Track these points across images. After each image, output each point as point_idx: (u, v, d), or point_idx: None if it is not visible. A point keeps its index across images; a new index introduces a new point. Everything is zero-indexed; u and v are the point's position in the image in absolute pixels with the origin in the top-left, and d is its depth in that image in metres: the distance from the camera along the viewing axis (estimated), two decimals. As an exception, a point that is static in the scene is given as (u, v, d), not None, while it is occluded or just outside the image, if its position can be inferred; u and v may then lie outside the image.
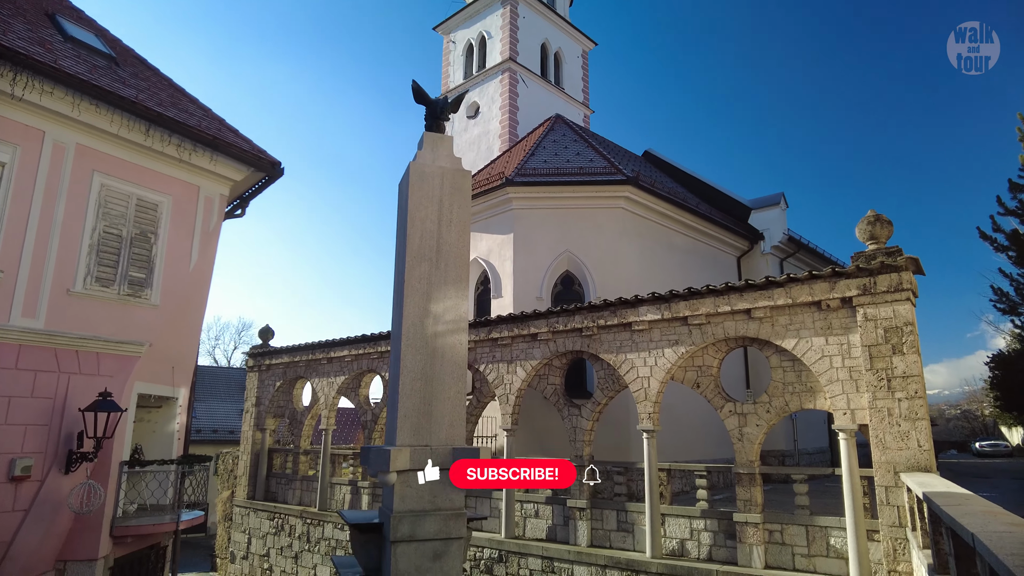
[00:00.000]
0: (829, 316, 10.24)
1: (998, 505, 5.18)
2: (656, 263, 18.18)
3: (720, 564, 10.76)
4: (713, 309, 11.31)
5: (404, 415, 5.16)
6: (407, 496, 5.00)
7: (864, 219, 10.17)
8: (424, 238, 5.50)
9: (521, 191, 17.41)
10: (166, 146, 9.66)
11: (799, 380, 10.59)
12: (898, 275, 9.58)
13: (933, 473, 8.80)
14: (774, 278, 10.67)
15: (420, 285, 5.39)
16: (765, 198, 22.69)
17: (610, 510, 12.51)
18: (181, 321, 10.52)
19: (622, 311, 12.52)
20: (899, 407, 9.34)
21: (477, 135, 26.28)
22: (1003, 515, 4.39)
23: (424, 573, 4.88)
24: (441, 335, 5.33)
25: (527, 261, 17.38)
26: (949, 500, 5.34)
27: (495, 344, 14.65)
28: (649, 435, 11.94)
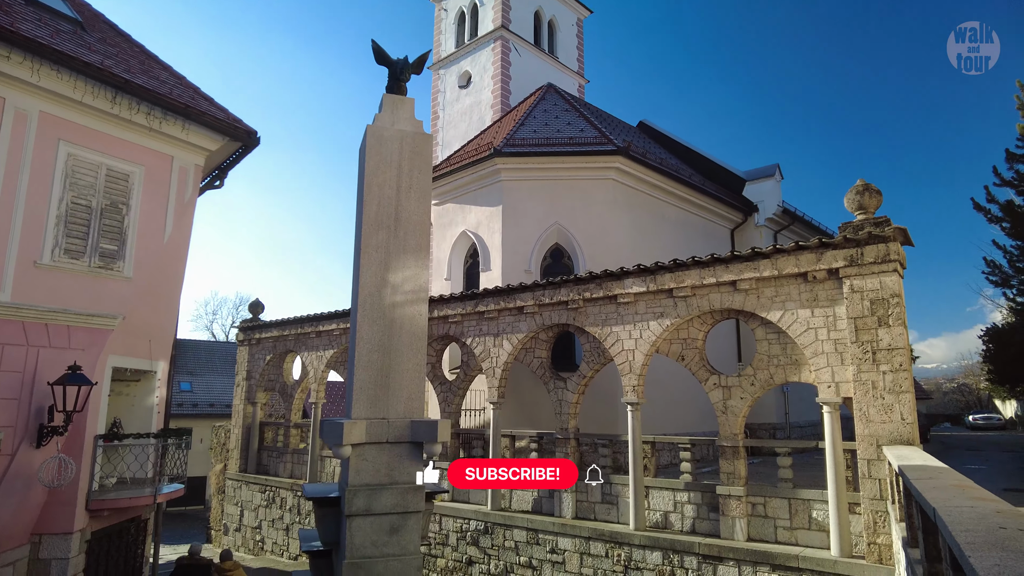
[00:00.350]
0: (815, 288, 10.05)
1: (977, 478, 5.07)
2: (647, 235, 17.93)
3: (703, 536, 10.75)
4: (698, 281, 11.12)
5: (360, 387, 5.01)
6: (363, 470, 4.87)
7: (853, 188, 9.92)
8: (382, 205, 5.29)
9: (510, 162, 17.09)
10: (135, 114, 9.37)
11: (784, 353, 10.45)
12: (885, 246, 9.37)
13: (916, 446, 8.71)
14: (760, 249, 10.47)
15: (377, 254, 5.20)
16: (760, 169, 22.33)
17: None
18: (157, 294, 10.35)
19: (608, 283, 12.34)
20: (883, 380, 9.21)
21: (469, 105, 25.82)
22: (972, 489, 4.27)
23: (381, 547, 4.77)
24: (400, 305, 5.16)
25: (516, 234, 17.14)
26: (921, 474, 5.22)
27: (482, 317, 14.50)
28: (633, 408, 11.85)
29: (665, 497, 11.51)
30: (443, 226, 19.33)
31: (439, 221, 19.58)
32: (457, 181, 18.60)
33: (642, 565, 11.10)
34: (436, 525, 14.38)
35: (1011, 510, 3.44)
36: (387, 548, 4.79)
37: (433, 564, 14.27)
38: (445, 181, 18.94)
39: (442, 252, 19.23)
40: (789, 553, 9.64)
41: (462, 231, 18.41)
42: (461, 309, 14.78)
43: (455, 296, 14.94)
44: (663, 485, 11.56)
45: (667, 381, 15.77)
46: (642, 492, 11.57)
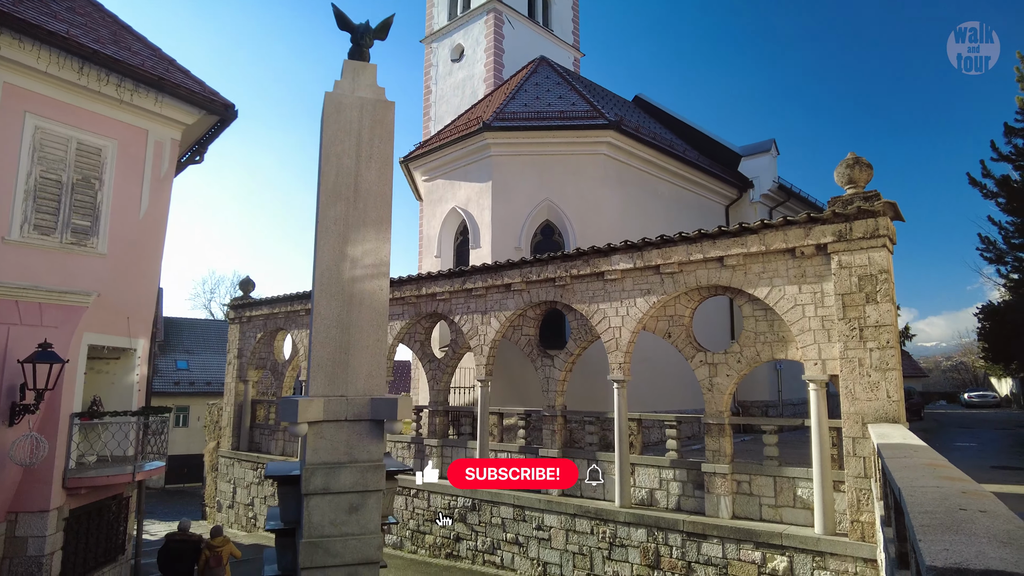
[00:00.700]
0: (803, 264, 9.87)
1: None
2: (640, 212, 17.68)
3: (687, 514, 10.71)
4: (685, 257, 10.93)
5: (318, 364, 4.86)
6: (320, 448, 4.75)
7: (843, 162, 9.67)
8: (340, 175, 5.09)
9: (499, 136, 16.77)
10: (104, 86, 9.10)
11: (771, 330, 10.30)
12: (874, 220, 9.16)
13: (901, 424, 8.59)
14: (747, 224, 10.26)
15: (336, 227, 5.01)
16: (755, 145, 21.96)
17: (581, 459, 12.43)
18: (134, 271, 10.17)
19: (595, 260, 12.15)
20: (870, 357, 9.07)
21: (462, 79, 25.37)
22: (943, 468, 4.13)
23: (340, 526, 4.67)
24: (359, 280, 4.99)
25: (506, 210, 16.90)
26: (896, 452, 5.09)
27: (470, 295, 14.34)
28: (619, 385, 11.75)
29: (651, 474, 11.46)
30: (433, 203, 19.08)
31: (429, 198, 19.32)
32: (446, 156, 18.30)
33: (627, 542, 11.08)
34: (424, 502, 14.40)
35: (976, 490, 3.30)
36: (346, 527, 4.68)
37: (421, 540, 14.31)
38: (434, 156, 18.65)
39: (432, 229, 19.00)
40: (773, 531, 9.59)
41: (452, 208, 18.16)
42: (449, 287, 14.61)
43: (443, 273, 14.76)
44: (649, 462, 11.49)
45: (659, 359, 15.67)
46: (627, 469, 11.51)
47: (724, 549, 10.02)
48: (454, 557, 13.57)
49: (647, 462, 11.51)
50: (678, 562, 10.45)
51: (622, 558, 11.11)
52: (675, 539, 10.53)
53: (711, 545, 10.16)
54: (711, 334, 17.12)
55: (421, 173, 19.54)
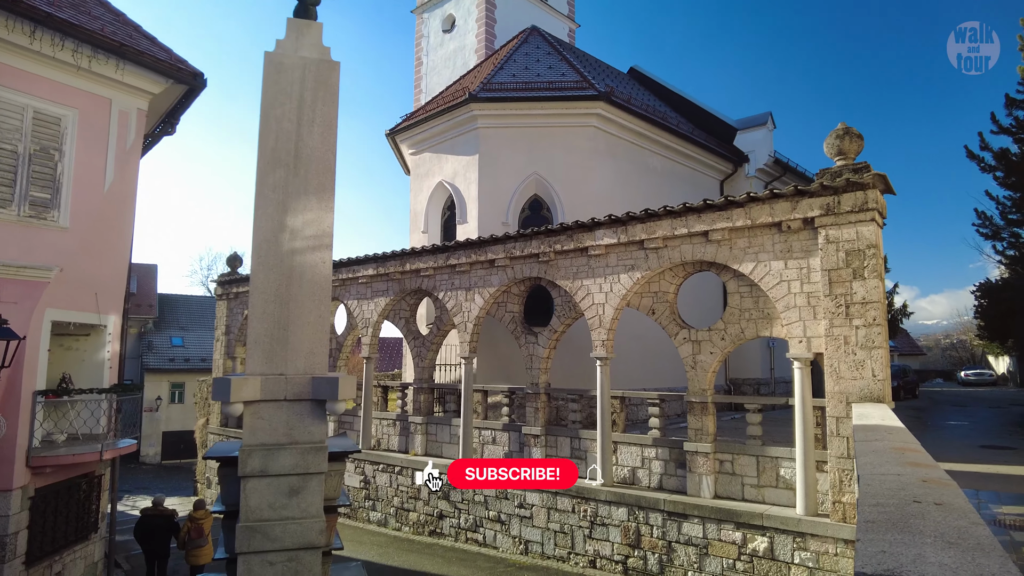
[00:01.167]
0: (790, 238, 9.55)
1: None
2: (630, 186, 17.28)
3: (669, 493, 10.55)
4: (670, 232, 10.61)
5: (255, 341, 4.59)
6: (258, 429, 4.50)
7: (833, 133, 9.30)
8: (280, 140, 4.77)
9: (486, 108, 16.32)
10: (59, 51, 8.70)
11: (756, 306, 10.02)
12: (863, 193, 8.81)
13: (885, 404, 8.36)
14: (733, 197, 9.92)
15: (275, 195, 4.70)
16: (751, 118, 21.44)
17: (564, 437, 12.27)
18: (100, 245, 9.87)
19: (579, 235, 11.83)
20: (856, 335, 8.80)
21: (453, 50, 24.74)
22: (912, 454, 3.88)
23: (279, 510, 4.45)
24: (299, 252, 4.69)
25: (493, 184, 16.51)
26: (869, 435, 4.84)
27: (453, 271, 14.05)
28: (602, 363, 11.51)
29: (633, 453, 11.28)
30: (420, 176, 18.68)
31: (416, 171, 18.92)
32: (433, 129, 17.86)
33: (608, 521, 10.95)
34: (408, 479, 14.29)
35: (939, 478, 3.05)
36: (286, 511, 4.46)
37: (405, 518, 14.23)
38: (421, 129, 18.20)
39: (419, 204, 18.64)
40: (754, 511, 9.42)
41: (439, 182, 17.78)
42: (433, 263, 14.32)
43: (427, 249, 14.45)
44: (631, 441, 11.31)
45: (651, 336, 15.39)
46: (610, 448, 11.33)
47: (705, 529, 9.87)
48: (437, 535, 13.49)
49: (630, 440, 11.33)
50: (658, 541, 10.32)
51: (603, 537, 10.99)
52: (656, 518, 10.39)
53: (692, 525, 10.01)
54: (703, 311, 16.86)
55: (408, 146, 19.11)
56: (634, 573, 10.56)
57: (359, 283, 16.17)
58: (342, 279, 16.52)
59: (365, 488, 15.22)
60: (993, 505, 7.49)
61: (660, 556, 10.28)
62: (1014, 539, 5.75)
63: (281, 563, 4.44)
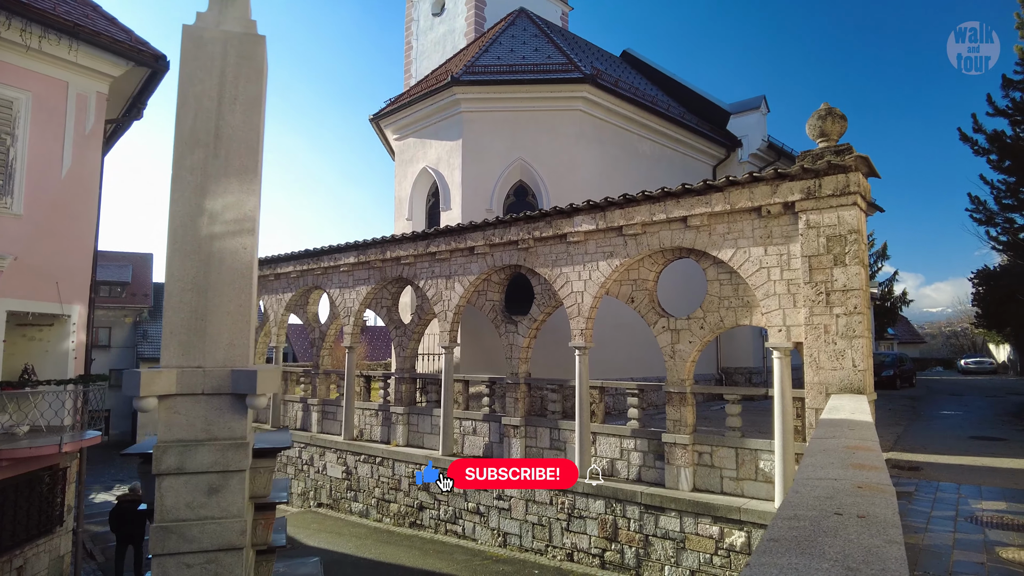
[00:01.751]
0: (770, 224, 9.22)
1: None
2: (619, 172, 16.91)
3: (647, 485, 10.30)
4: (648, 217, 10.28)
5: (171, 332, 4.32)
6: (175, 424, 4.25)
7: (815, 114, 8.96)
8: (199, 119, 4.46)
9: (469, 91, 15.93)
10: (5, 31, 8.36)
11: (736, 294, 9.71)
12: (845, 176, 8.47)
13: (864, 395, 8.07)
14: (712, 181, 9.58)
15: (193, 177, 4.41)
16: (745, 101, 20.98)
17: (543, 427, 12.03)
18: (60, 233, 9.59)
19: (558, 221, 11.52)
20: (836, 324, 8.50)
21: (443, 34, 24.29)
22: (863, 453, 3.59)
23: (197, 509, 4.20)
24: (219, 237, 4.40)
25: (477, 170, 16.17)
26: (828, 431, 4.56)
27: (433, 259, 13.76)
28: (581, 352, 11.23)
29: (612, 444, 11.03)
30: (404, 163, 18.34)
31: (400, 157, 18.57)
32: (416, 113, 17.48)
33: (585, 513, 10.72)
34: (389, 470, 14.09)
35: (875, 484, 2.77)
36: (204, 510, 4.22)
37: (386, 509, 14.04)
38: (404, 113, 17.83)
39: (403, 191, 18.31)
40: (731, 505, 9.17)
41: (423, 168, 17.43)
42: (413, 250, 14.02)
43: (407, 236, 14.15)
44: (610, 431, 11.06)
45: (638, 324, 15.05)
46: (588, 439, 11.08)
47: (682, 523, 9.63)
48: (418, 526, 13.30)
49: (608, 431, 11.08)
50: (636, 535, 10.09)
51: (580, 530, 10.77)
52: (633, 511, 10.15)
53: (669, 519, 9.77)
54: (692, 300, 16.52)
55: (392, 131, 18.75)
56: (611, 567, 10.35)
57: (340, 272, 15.89)
58: (324, 267, 16.25)
59: (347, 479, 15.04)
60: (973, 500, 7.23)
61: (637, 550, 10.06)
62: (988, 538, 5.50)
63: (199, 565, 4.20)
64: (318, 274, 16.58)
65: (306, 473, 16.23)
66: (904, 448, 11.18)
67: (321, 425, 16.49)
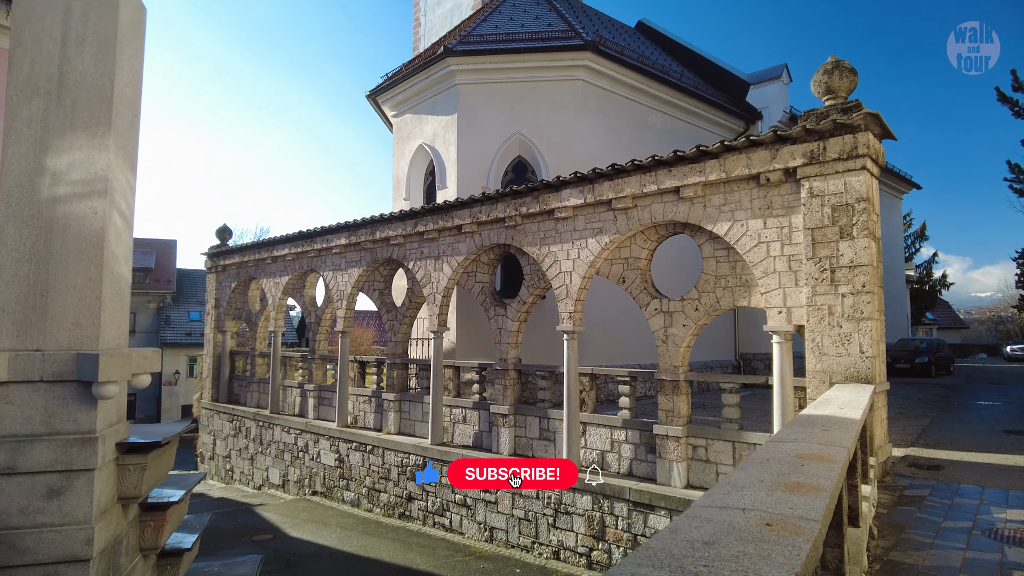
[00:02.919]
0: (769, 193, 8.27)
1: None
2: (625, 146, 15.93)
3: (638, 480, 9.52)
4: (638, 190, 9.40)
5: (3, 309, 3.72)
6: (6, 416, 3.68)
7: (821, 68, 7.93)
8: (39, 63, 3.82)
9: (464, 62, 15.11)
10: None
11: (733, 273, 8.80)
12: (853, 137, 7.47)
13: (871, 385, 7.13)
14: (706, 147, 8.64)
15: (30, 130, 3.77)
16: (765, 71, 19.65)
17: (533, 416, 11.31)
18: None
19: (545, 196, 10.71)
20: (842, 304, 7.55)
21: (450, 8, 23.44)
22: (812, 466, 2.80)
23: (33, 515, 3.63)
24: (64, 200, 3.76)
25: (473, 145, 15.38)
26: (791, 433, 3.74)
27: (422, 239, 13.09)
28: (570, 336, 10.46)
29: (602, 435, 10.26)
30: (401, 140, 17.65)
31: (398, 135, 17.89)
32: (412, 88, 16.74)
33: (572, 509, 10.01)
34: (379, 459, 13.58)
35: (792, 523, 1.98)
36: (42, 516, 3.65)
37: (377, 499, 13.56)
38: (400, 88, 17.11)
39: (401, 170, 17.64)
40: (724, 503, 8.32)
41: (419, 145, 16.72)
42: (402, 230, 13.37)
43: (395, 216, 13.49)
44: (600, 422, 10.28)
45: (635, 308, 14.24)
46: (577, 429, 10.33)
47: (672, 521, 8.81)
48: (406, 517, 12.77)
49: (598, 421, 10.30)
50: (623, 534, 9.33)
51: (567, 526, 10.06)
52: (621, 508, 9.39)
53: (658, 517, 8.99)
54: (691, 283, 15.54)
55: (390, 108, 18.06)
56: (598, 567, 9.63)
57: (333, 254, 15.36)
58: (317, 250, 15.75)
59: (340, 467, 14.60)
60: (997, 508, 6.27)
61: (625, 550, 9.30)
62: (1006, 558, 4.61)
63: (37, 582, 3.61)
64: (312, 256, 16.09)
65: (301, 460, 15.87)
66: (927, 443, 10.13)
67: (317, 411, 16.08)
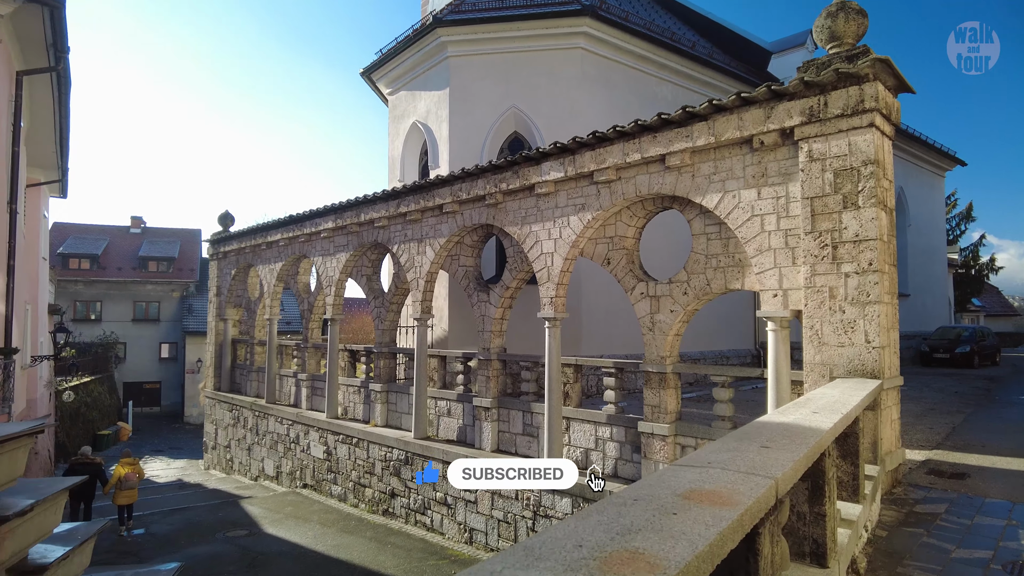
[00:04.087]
0: (764, 159, 7.19)
1: None
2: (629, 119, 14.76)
3: (622, 483, 8.61)
4: (621, 159, 8.40)
5: None
6: None
7: (824, 11, 6.79)
8: None
9: (455, 32, 14.18)
10: None
11: (725, 251, 7.76)
12: (859, 89, 6.34)
13: (877, 381, 6.06)
14: (693, 108, 7.58)
15: None
16: (788, 39, 18.21)
17: (516, 410, 10.48)
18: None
19: (525, 170, 9.78)
20: (845, 286, 6.48)
21: (455, -17, 22.43)
22: (695, 504, 1.85)
23: None
24: None
25: (466, 121, 14.48)
26: (702, 456, 2.81)
27: (405, 220, 12.30)
28: (551, 324, 9.56)
29: (586, 431, 9.35)
30: (396, 119, 16.85)
31: (393, 113, 17.09)
32: (404, 63, 15.90)
33: (551, 512, 9.15)
34: (364, 452, 12.93)
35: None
36: None
37: (362, 494, 12.92)
38: (393, 64, 16.28)
39: (395, 149, 16.86)
40: (713, 511, 7.36)
41: (412, 122, 15.90)
42: (385, 211, 12.60)
43: (378, 196, 12.72)
44: (584, 417, 9.38)
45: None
46: (559, 425, 9.45)
47: (656, 530, 7.88)
48: (389, 514, 12.11)
49: (582, 417, 9.40)
50: (604, 541, 8.42)
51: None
52: (602, 513, 8.47)
53: (641, 524, 8.05)
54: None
55: (384, 85, 17.27)
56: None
57: (322, 238, 14.71)
58: (307, 234, 15.12)
59: (328, 460, 14.02)
60: (1027, 527, 5.19)
61: (606, 559, 8.40)
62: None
63: None
64: (303, 241, 15.47)
65: (293, 452, 15.36)
66: (955, 445, 8.92)
67: (310, 402, 15.54)
